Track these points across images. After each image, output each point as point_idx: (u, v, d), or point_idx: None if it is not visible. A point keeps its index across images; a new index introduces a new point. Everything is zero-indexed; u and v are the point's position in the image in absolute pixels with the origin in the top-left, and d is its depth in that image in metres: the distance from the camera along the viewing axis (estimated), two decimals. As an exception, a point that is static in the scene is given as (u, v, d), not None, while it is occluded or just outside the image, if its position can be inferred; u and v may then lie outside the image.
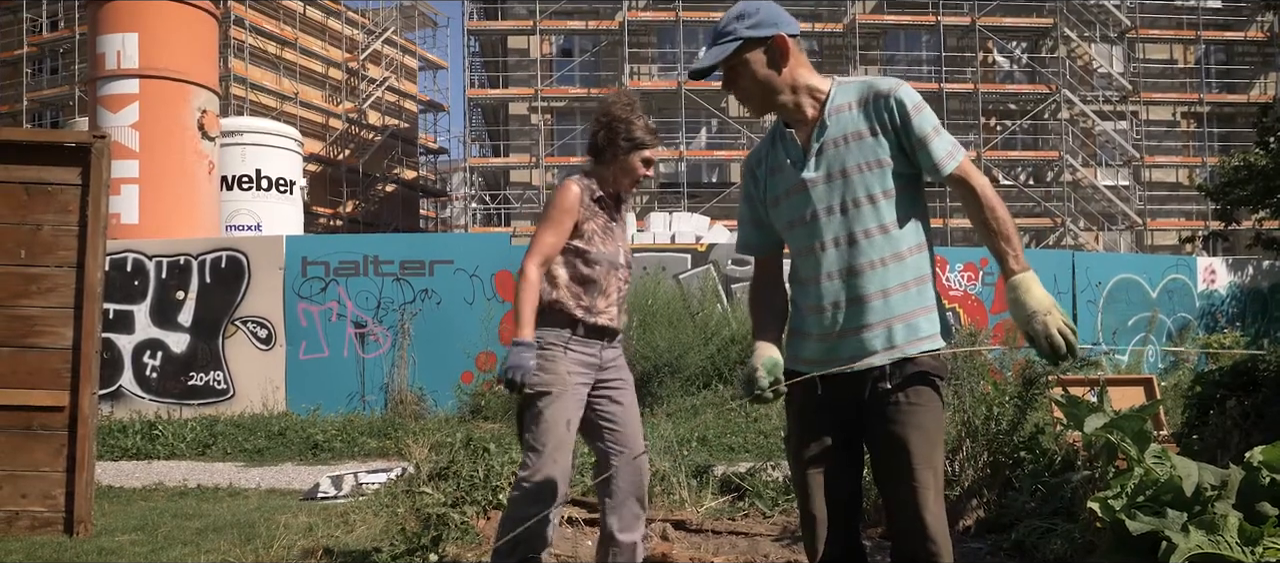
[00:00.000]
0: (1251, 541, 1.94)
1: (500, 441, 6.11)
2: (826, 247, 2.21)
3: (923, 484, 2.14)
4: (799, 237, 2.27)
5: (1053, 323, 2.03)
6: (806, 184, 2.23)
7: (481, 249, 10.66)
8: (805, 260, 2.26)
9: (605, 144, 3.22)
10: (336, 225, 28.82)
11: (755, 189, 2.38)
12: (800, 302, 2.31)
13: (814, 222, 2.23)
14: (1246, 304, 13.01)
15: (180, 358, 9.96)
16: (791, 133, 2.29)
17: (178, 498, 6.10)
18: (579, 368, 3.10)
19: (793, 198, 2.27)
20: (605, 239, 3.17)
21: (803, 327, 2.30)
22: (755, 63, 2.25)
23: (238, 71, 26.09)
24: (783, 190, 2.29)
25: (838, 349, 2.21)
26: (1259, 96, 28.15)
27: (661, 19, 28.37)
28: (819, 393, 2.20)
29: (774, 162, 2.33)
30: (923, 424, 2.17)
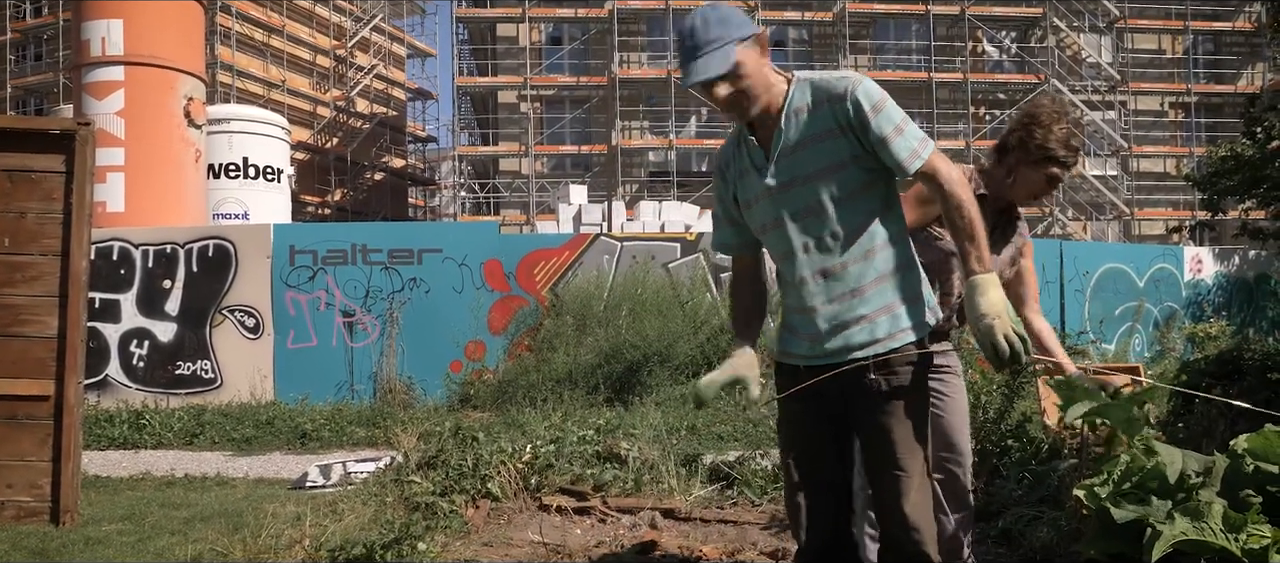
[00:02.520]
0: (1235, 528, 1.96)
1: (489, 429, 6.10)
2: (798, 251, 2.23)
3: (906, 472, 2.17)
4: (773, 241, 2.30)
5: (1000, 327, 2.03)
6: (771, 191, 2.23)
7: (470, 238, 10.63)
8: (785, 263, 2.30)
9: (1016, 145, 2.90)
10: (325, 214, 28.70)
11: (726, 190, 2.38)
12: (786, 301, 2.35)
13: (782, 227, 2.24)
14: (1232, 294, 13.10)
15: (167, 347, 9.92)
16: (753, 139, 2.28)
17: (165, 487, 6.08)
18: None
19: (760, 204, 2.28)
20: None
21: (791, 324, 2.33)
22: (752, 60, 2.15)
23: (225, 59, 25.92)
24: (752, 196, 2.30)
25: (825, 347, 2.23)
26: (1246, 87, 28.28)
27: (651, 7, 28.29)
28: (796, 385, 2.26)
29: (740, 165, 2.32)
30: (904, 414, 2.19)
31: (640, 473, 5.20)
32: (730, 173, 2.35)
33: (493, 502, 4.76)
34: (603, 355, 9.41)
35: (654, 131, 28.62)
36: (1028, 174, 2.87)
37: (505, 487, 4.85)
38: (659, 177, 28.04)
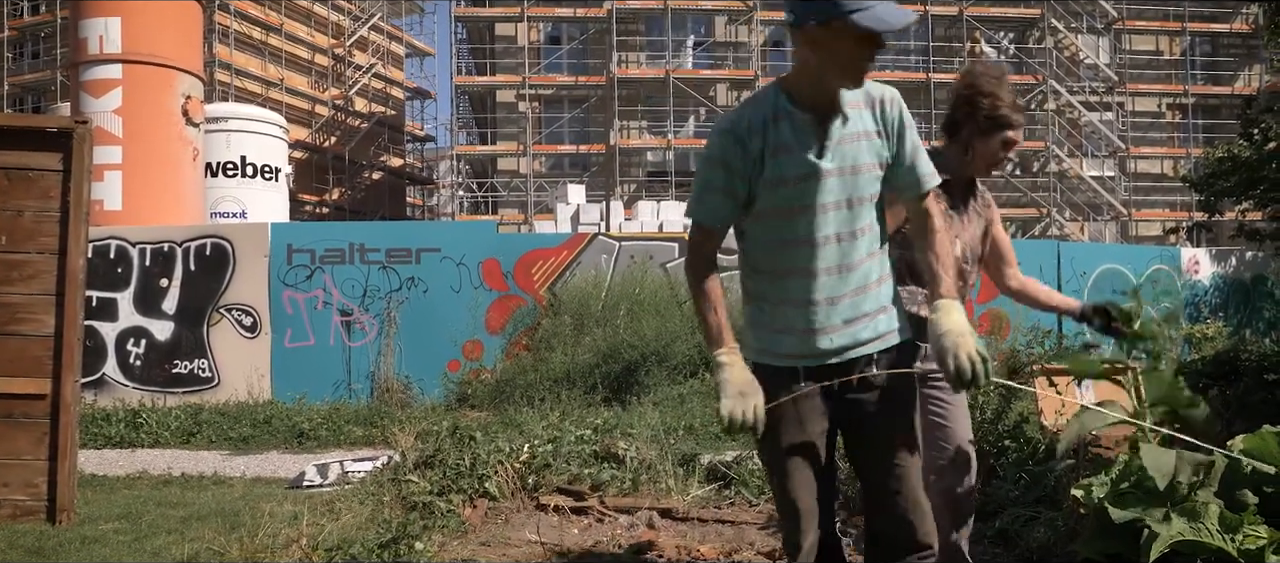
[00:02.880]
0: (1231, 528, 1.96)
1: (486, 429, 6.11)
2: (828, 240, 2.18)
3: (907, 465, 2.21)
4: (797, 226, 2.17)
5: (963, 346, 2.06)
6: (821, 174, 2.16)
7: (468, 237, 10.63)
8: (795, 252, 2.18)
9: (964, 119, 2.89)
10: (322, 213, 28.68)
11: (742, 161, 2.15)
12: (775, 296, 2.23)
13: (819, 214, 2.17)
14: (1229, 294, 13.12)
15: (164, 346, 9.90)
16: (806, 117, 2.17)
17: (161, 486, 6.07)
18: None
19: (800, 185, 2.15)
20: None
21: (781, 321, 2.22)
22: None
23: (223, 57, 25.88)
24: (791, 174, 2.15)
25: (831, 342, 2.20)
26: (1243, 88, 28.31)
27: (649, 6, 28.28)
28: (801, 386, 2.18)
29: (778, 140, 2.15)
30: (904, 408, 2.26)
31: (638, 473, 5.20)
32: (755, 143, 2.15)
33: (490, 501, 4.76)
34: (600, 355, 9.41)
35: (652, 131, 28.62)
36: (983, 146, 2.89)
37: (503, 486, 4.85)
38: (657, 176, 28.04)
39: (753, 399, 2.09)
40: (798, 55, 2.17)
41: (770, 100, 2.19)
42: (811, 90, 2.16)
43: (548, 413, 7.71)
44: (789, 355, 2.21)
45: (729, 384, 2.11)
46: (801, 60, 2.15)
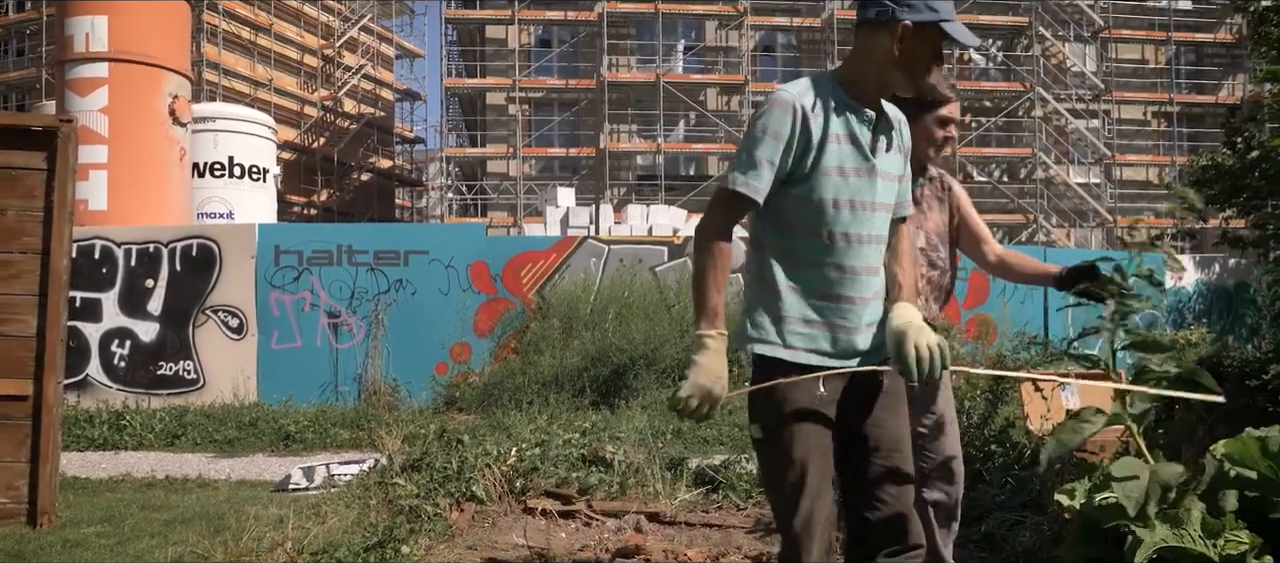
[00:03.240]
0: (1213, 533, 1.97)
1: (474, 432, 6.09)
2: (872, 240, 2.20)
3: (906, 468, 2.24)
4: (842, 218, 2.14)
5: (916, 337, 2.07)
6: (872, 172, 2.19)
7: (457, 240, 10.61)
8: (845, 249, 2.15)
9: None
10: (311, 214, 28.57)
11: (801, 139, 2.11)
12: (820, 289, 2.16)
13: (867, 213, 2.18)
14: (1213, 301, 13.20)
15: (149, 347, 9.84)
16: (866, 113, 2.19)
17: (145, 489, 6.03)
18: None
19: (854, 179, 2.15)
20: None
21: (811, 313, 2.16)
22: None
23: (211, 57, 25.78)
24: (847, 165, 2.14)
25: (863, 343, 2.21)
26: (1227, 97, 28.54)
27: (640, 10, 28.31)
28: (821, 391, 2.13)
29: (839, 128, 2.14)
30: (903, 413, 2.28)
31: (625, 476, 5.20)
32: (816, 124, 2.11)
33: (477, 505, 4.75)
34: (589, 358, 9.40)
35: (642, 135, 28.63)
36: (917, 128, 2.81)
37: (490, 490, 4.84)
38: (647, 180, 28.05)
39: (718, 395, 2.05)
40: (869, 50, 2.17)
41: (829, 87, 2.17)
42: (873, 88, 2.19)
43: (536, 416, 7.71)
44: (815, 351, 2.15)
45: (706, 369, 2.04)
46: (873, 55, 2.16)
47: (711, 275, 2.09)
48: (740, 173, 2.11)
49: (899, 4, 2.11)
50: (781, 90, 2.16)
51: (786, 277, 2.16)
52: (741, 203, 2.12)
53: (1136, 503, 2.04)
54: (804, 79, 2.19)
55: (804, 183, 2.12)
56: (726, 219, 2.13)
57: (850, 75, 2.20)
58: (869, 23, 2.16)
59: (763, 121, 2.12)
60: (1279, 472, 2.15)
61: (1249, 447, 2.21)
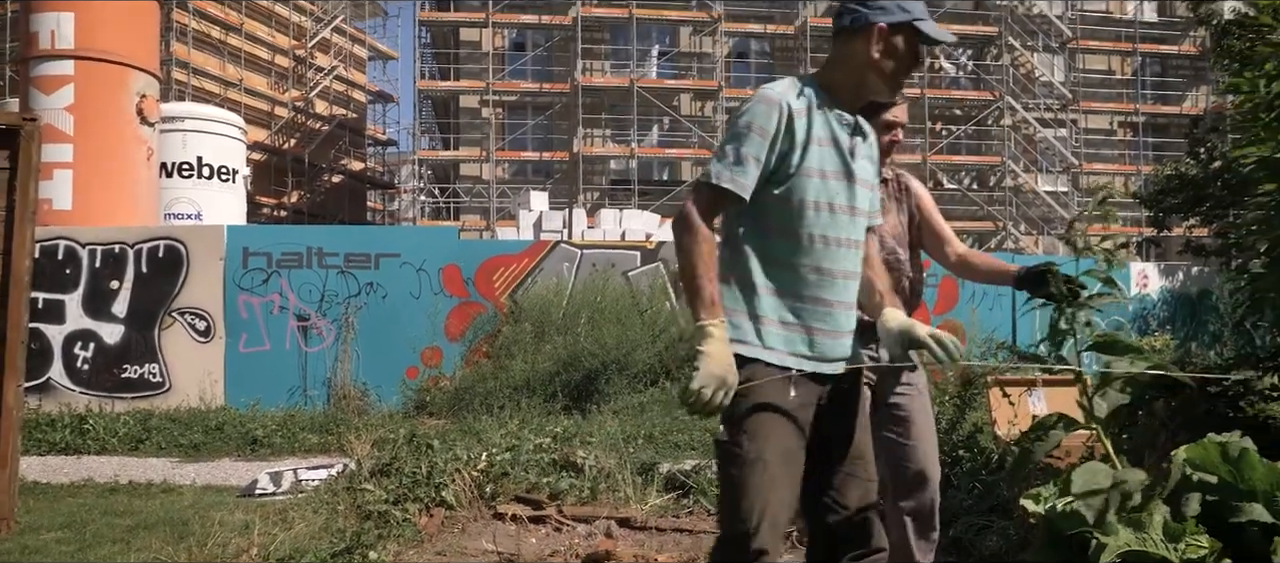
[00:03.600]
0: (1175, 537, 2.00)
1: (444, 437, 6.06)
2: (850, 244, 2.21)
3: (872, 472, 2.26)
4: (821, 220, 2.15)
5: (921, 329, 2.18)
6: (856, 177, 2.21)
7: (429, 243, 10.55)
8: (823, 252, 2.15)
9: None
10: (281, 216, 28.29)
11: (786, 138, 2.11)
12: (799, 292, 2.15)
13: (846, 217, 2.20)
14: (1176, 309, 13.40)
15: (113, 350, 9.70)
16: (845, 117, 2.21)
17: (108, 494, 5.94)
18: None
19: (834, 183, 2.17)
20: None
21: (790, 315, 2.14)
22: None
23: (180, 56, 25.46)
24: (827, 167, 2.16)
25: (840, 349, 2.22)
26: (1191, 108, 29.04)
27: (614, 15, 28.33)
28: (793, 394, 2.11)
29: (823, 130, 2.16)
30: (862, 414, 2.31)
31: (597, 482, 5.20)
32: (801, 125, 2.12)
33: (447, 510, 4.72)
34: (561, 363, 9.38)
35: (616, 140, 28.65)
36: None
37: (460, 495, 4.82)
38: (620, 185, 28.06)
39: (730, 385, 1.99)
40: (847, 56, 2.19)
41: (811, 89, 2.18)
42: (851, 93, 2.21)
43: (507, 421, 7.69)
44: (792, 354, 2.13)
45: (713, 359, 1.97)
46: (851, 61, 2.18)
47: (702, 264, 2.05)
48: (726, 168, 2.09)
49: (872, 8, 2.14)
50: (767, 88, 2.16)
51: (764, 277, 2.14)
52: (725, 198, 2.10)
53: (1096, 512, 2.06)
54: (788, 79, 2.19)
55: (785, 183, 2.12)
56: (709, 212, 2.11)
57: (829, 80, 2.22)
58: (845, 30, 2.19)
59: (748, 118, 2.11)
60: (1239, 477, 2.19)
61: (1210, 452, 2.24)
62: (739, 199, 2.09)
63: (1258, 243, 3.84)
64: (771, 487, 2.05)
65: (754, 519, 2.04)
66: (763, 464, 2.05)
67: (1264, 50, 3.80)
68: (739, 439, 2.07)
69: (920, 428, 2.93)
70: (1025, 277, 2.70)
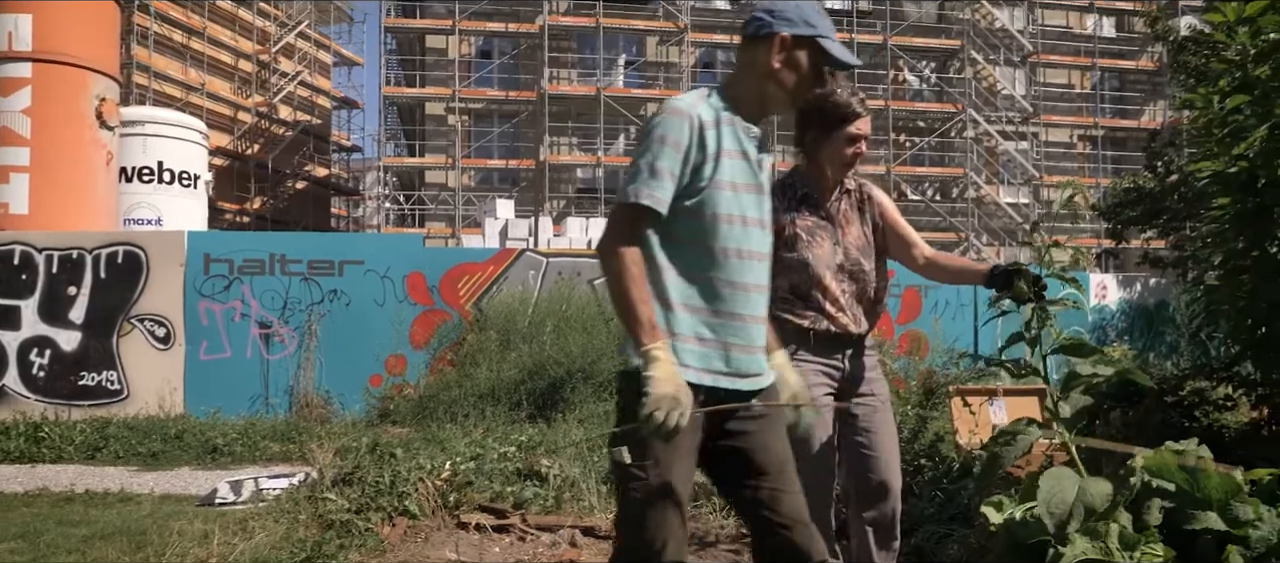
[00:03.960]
0: (1131, 546, 2.04)
1: (408, 445, 6.01)
2: (760, 257, 2.20)
3: (798, 487, 2.22)
4: (736, 236, 2.13)
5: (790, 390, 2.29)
6: (762, 188, 2.21)
7: (394, 250, 10.49)
8: (737, 265, 2.14)
9: (801, 131, 2.91)
10: (243, 222, 27.95)
11: (698, 152, 2.09)
12: (713, 307, 2.12)
13: (757, 229, 2.19)
14: (1134, 319, 13.64)
15: (70, 356, 9.53)
16: (750, 128, 2.20)
17: (63, 504, 5.83)
18: (819, 379, 2.83)
19: (745, 195, 2.15)
20: (812, 242, 2.87)
21: (706, 330, 2.12)
22: None
23: (141, 59, 25.09)
24: (741, 181, 2.14)
25: (756, 364, 2.20)
26: (1148, 122, 29.64)
27: (582, 24, 28.36)
28: (699, 415, 2.08)
29: (733, 143, 2.14)
30: (784, 433, 2.26)
31: (561, 491, 5.18)
32: (712, 137, 2.10)
33: (410, 520, 4.68)
34: (526, 371, 9.36)
35: (582, 148, 28.64)
36: (829, 147, 2.87)
37: (423, 504, 4.78)
38: (586, 193, 28.05)
39: (684, 404, 1.94)
40: (751, 65, 2.19)
41: (716, 101, 2.17)
42: (754, 104, 2.20)
43: (471, 430, 7.65)
44: (708, 371, 2.11)
45: (664, 378, 1.93)
46: (754, 70, 2.18)
47: (634, 287, 2.02)
48: (643, 185, 2.05)
49: (777, 18, 2.15)
50: (676, 101, 2.13)
51: (679, 294, 2.10)
52: (645, 215, 2.06)
53: (1058, 520, 2.10)
54: (694, 91, 2.17)
55: (697, 196, 2.09)
56: (633, 232, 2.07)
57: (734, 91, 2.21)
58: (750, 39, 2.20)
59: (660, 131, 2.07)
60: (1195, 485, 2.23)
61: (1167, 461, 2.29)
62: (658, 215, 2.06)
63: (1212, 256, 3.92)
64: (676, 510, 2.05)
65: (658, 544, 2.04)
66: (667, 488, 2.04)
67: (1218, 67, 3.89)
68: (644, 464, 2.02)
69: (882, 439, 2.95)
70: (995, 275, 2.74)
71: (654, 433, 1.94)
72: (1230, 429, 4.26)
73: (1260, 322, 3.54)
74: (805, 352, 2.85)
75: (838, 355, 2.89)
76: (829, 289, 2.86)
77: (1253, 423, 4.26)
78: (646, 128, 2.12)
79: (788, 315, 2.86)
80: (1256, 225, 3.46)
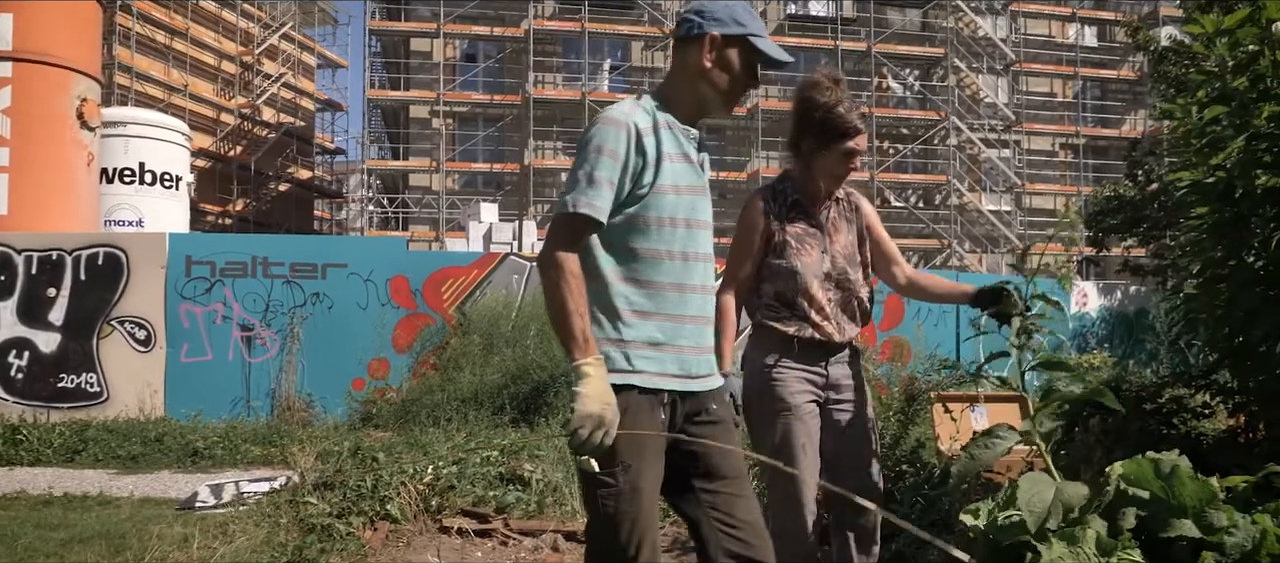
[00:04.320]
0: (1107, 551, 2.06)
1: (390, 449, 5.99)
2: (705, 259, 2.21)
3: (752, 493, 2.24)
4: (682, 239, 2.14)
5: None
6: (705, 190, 2.21)
7: (377, 253, 10.45)
8: (683, 268, 2.14)
9: (801, 134, 2.86)
10: (225, 224, 27.79)
11: (637, 159, 2.08)
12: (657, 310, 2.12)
13: (701, 232, 2.20)
14: (1115, 327, 13.76)
15: (50, 358, 9.44)
16: (688, 130, 2.20)
17: (41, 507, 5.78)
18: (803, 386, 2.85)
19: (688, 197, 2.15)
20: (801, 250, 2.86)
21: (659, 335, 2.11)
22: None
23: (123, 60, 24.93)
24: (684, 183, 2.14)
25: (699, 366, 2.20)
26: (1129, 131, 29.93)
27: (567, 28, 28.38)
28: (663, 417, 2.11)
29: (671, 147, 2.14)
30: (734, 440, 2.27)
31: (543, 495, 5.18)
32: (650, 143, 2.10)
33: (392, 524, 4.67)
34: (509, 376, 9.34)
35: (566, 152, 28.62)
36: (824, 159, 2.85)
37: (405, 509, 4.77)
38: (571, 197, 28.00)
39: (608, 422, 1.94)
40: (685, 66, 2.20)
41: (651, 107, 2.17)
42: (690, 105, 2.20)
43: (454, 434, 7.63)
44: (663, 375, 2.11)
45: (591, 395, 1.93)
46: (688, 71, 2.19)
47: (572, 300, 2.00)
48: (581, 194, 2.04)
49: (707, 19, 2.16)
50: (611, 111, 2.12)
51: (627, 301, 2.10)
52: (584, 225, 2.05)
53: (1038, 519, 2.12)
54: (628, 99, 2.17)
55: (640, 202, 2.09)
56: (572, 243, 2.05)
57: (669, 93, 2.22)
58: (681, 41, 2.22)
59: (597, 141, 2.06)
60: (1170, 493, 2.26)
61: (1144, 468, 2.31)
62: (598, 224, 2.05)
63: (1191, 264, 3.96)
64: (648, 515, 2.06)
65: (633, 550, 2.04)
66: (638, 493, 2.04)
67: (1197, 77, 3.93)
68: (613, 470, 2.02)
69: (863, 444, 2.97)
70: (981, 294, 2.77)
71: (578, 450, 1.95)
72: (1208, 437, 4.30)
73: (1237, 330, 3.57)
74: (788, 359, 2.85)
75: (821, 363, 2.90)
76: (815, 297, 2.86)
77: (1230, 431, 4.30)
78: (583, 138, 2.10)
79: (772, 323, 2.87)
80: (1234, 235, 3.50)
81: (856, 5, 29.95)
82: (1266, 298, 3.36)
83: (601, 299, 2.10)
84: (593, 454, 1.95)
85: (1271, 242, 3.29)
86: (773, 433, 2.81)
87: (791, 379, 2.83)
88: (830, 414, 2.92)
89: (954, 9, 29.72)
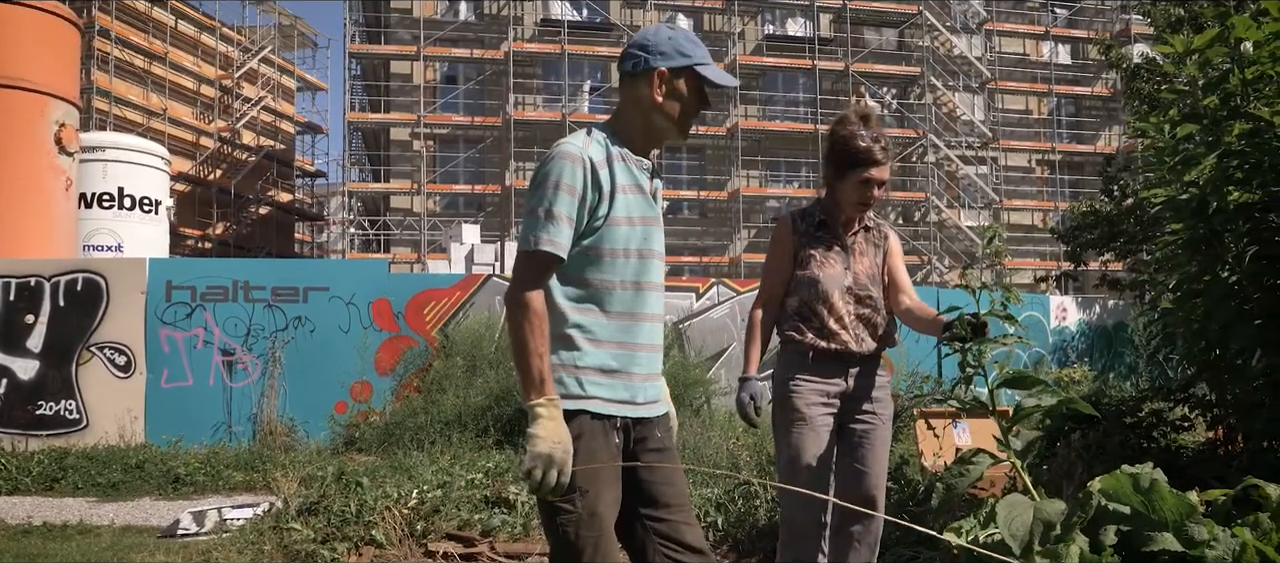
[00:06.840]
0: (1090, 567, 2.09)
1: (374, 474, 5.97)
2: (657, 288, 2.25)
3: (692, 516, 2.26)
4: (636, 268, 2.18)
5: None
6: (659, 220, 2.25)
7: (359, 276, 10.42)
8: (635, 297, 2.18)
9: (825, 165, 3.12)
10: (206, 248, 27.60)
11: (593, 192, 2.12)
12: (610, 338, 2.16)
13: (654, 261, 2.23)
14: (1094, 340, 13.87)
15: (27, 386, 9.34)
16: (640, 161, 2.23)
17: (20, 537, 5.71)
18: (818, 399, 2.97)
19: (641, 228, 2.19)
20: (825, 263, 3.03)
21: (613, 363, 2.16)
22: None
23: (102, 84, 24.78)
24: (635, 215, 2.18)
25: (655, 392, 2.27)
26: (1104, 147, 30.27)
27: (547, 51, 28.47)
28: (617, 442, 2.15)
29: (626, 178, 2.18)
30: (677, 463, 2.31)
31: (529, 518, 5.16)
32: (605, 176, 2.13)
33: (376, 549, 4.65)
34: (493, 397, 9.31)
35: (549, 173, 28.63)
36: (841, 185, 3.03)
37: (390, 533, 4.75)
38: (553, 218, 28.00)
39: (560, 463, 1.99)
40: (634, 100, 2.23)
41: (603, 139, 2.20)
42: (642, 137, 2.24)
43: (438, 457, 7.60)
44: (615, 401, 2.15)
45: (545, 437, 1.98)
46: (639, 105, 2.22)
47: (534, 341, 2.04)
48: (542, 231, 2.08)
49: (651, 53, 2.20)
50: (564, 144, 2.15)
51: (582, 330, 2.14)
52: (548, 261, 2.09)
53: (1021, 541, 2.14)
54: (580, 133, 2.20)
55: (595, 234, 2.13)
56: (536, 282, 2.09)
57: (620, 126, 2.25)
58: (628, 75, 2.24)
59: (554, 177, 2.09)
60: (1150, 507, 2.29)
61: (1123, 483, 2.34)
62: (560, 260, 2.09)
63: (1167, 279, 4.02)
64: (608, 539, 2.10)
65: None
66: (596, 519, 2.07)
67: (1169, 96, 4.01)
68: (571, 497, 2.05)
69: (877, 455, 3.04)
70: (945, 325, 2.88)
71: (535, 491, 2.01)
72: (1187, 450, 4.36)
73: (1213, 344, 3.63)
74: (804, 374, 2.97)
75: (839, 375, 3.00)
76: (835, 306, 3.00)
77: (1209, 443, 4.36)
78: (539, 174, 2.13)
79: (792, 334, 3.02)
80: (1208, 250, 3.56)
81: (834, 25, 30.24)
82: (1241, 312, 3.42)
83: (556, 328, 2.13)
84: (552, 494, 2.01)
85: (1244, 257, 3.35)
86: (787, 441, 2.96)
87: (808, 391, 2.96)
88: (847, 425, 2.99)
89: (930, 28, 30.05)
